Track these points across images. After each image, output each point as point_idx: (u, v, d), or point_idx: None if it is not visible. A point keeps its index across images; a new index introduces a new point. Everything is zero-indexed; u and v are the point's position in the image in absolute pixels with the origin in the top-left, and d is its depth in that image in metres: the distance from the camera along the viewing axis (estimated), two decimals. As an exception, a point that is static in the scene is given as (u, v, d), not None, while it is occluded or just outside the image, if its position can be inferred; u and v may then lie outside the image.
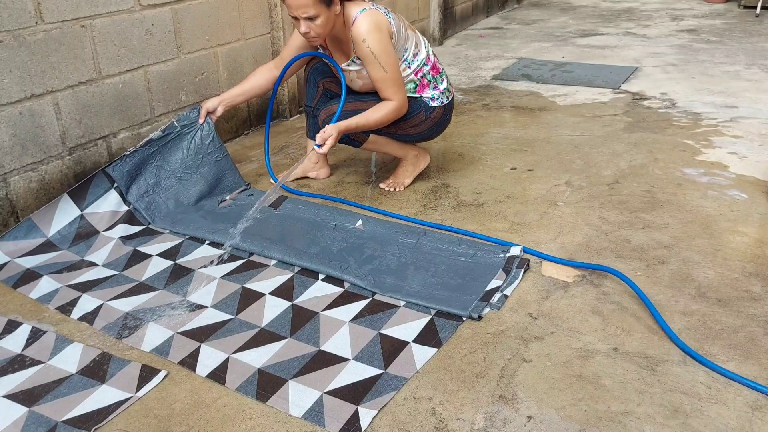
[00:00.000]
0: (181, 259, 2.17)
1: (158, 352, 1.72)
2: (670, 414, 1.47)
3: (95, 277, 2.08)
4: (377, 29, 2.23)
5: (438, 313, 1.84)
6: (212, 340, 1.75)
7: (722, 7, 6.67)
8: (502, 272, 2.01)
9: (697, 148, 2.99)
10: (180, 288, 2.01)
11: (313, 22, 2.17)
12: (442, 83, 2.51)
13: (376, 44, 2.23)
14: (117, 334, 1.80)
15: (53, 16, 2.33)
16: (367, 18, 2.23)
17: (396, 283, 1.97)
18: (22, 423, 1.48)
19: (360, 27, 2.23)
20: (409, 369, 1.63)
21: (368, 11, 2.25)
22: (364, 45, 2.23)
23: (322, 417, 1.48)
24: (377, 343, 1.73)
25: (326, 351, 1.70)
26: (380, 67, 2.26)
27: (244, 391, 1.57)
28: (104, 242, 2.27)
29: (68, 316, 1.89)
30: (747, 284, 1.95)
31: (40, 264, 2.14)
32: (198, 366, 1.66)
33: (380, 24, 2.25)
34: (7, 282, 2.06)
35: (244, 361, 1.67)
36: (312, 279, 2.03)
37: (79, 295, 1.97)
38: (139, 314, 1.87)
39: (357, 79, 2.44)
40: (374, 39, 2.23)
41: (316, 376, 1.61)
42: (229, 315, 1.87)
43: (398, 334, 1.76)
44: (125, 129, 2.70)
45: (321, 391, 1.56)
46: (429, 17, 5.24)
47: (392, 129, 2.47)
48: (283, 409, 1.51)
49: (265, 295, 1.95)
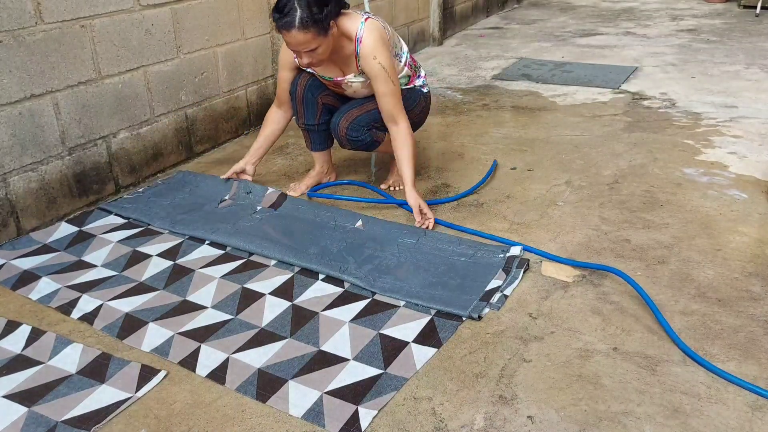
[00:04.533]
0: (181, 259, 2.17)
1: (158, 352, 1.72)
2: (670, 414, 1.47)
3: (95, 277, 2.08)
4: (383, 43, 2.25)
5: (438, 313, 1.84)
6: (212, 340, 1.75)
7: (722, 7, 6.67)
8: (501, 272, 2.01)
9: (697, 148, 2.99)
10: (180, 288, 2.01)
11: (314, 53, 2.17)
12: (420, 69, 2.60)
13: (386, 59, 2.25)
14: (117, 334, 1.80)
15: (53, 16, 2.33)
16: (371, 34, 2.23)
17: (395, 283, 1.97)
18: (21, 423, 1.48)
19: (368, 44, 2.23)
20: (409, 369, 1.63)
21: (368, 26, 2.24)
22: (375, 62, 2.24)
23: (322, 417, 1.48)
24: (377, 343, 1.72)
25: (326, 351, 1.70)
26: (390, 81, 2.27)
27: (244, 391, 1.57)
28: (102, 244, 2.28)
29: (68, 316, 1.89)
30: (747, 284, 1.95)
31: (38, 265, 2.14)
32: (198, 366, 1.66)
33: (383, 37, 2.27)
34: (5, 284, 2.05)
35: (243, 361, 1.67)
36: (312, 279, 2.03)
37: (79, 296, 1.96)
38: (139, 314, 1.87)
39: (362, 89, 2.44)
40: (383, 55, 2.24)
41: (315, 377, 1.61)
42: (229, 315, 1.87)
43: (398, 334, 1.75)
44: (125, 129, 2.70)
45: (321, 391, 1.56)
46: (429, 17, 5.24)
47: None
48: (282, 409, 1.51)
49: (265, 295, 1.95)
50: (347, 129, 2.38)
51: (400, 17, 4.76)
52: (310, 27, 2.07)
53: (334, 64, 2.37)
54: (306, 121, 2.54)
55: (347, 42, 2.27)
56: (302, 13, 2.05)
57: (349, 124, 2.38)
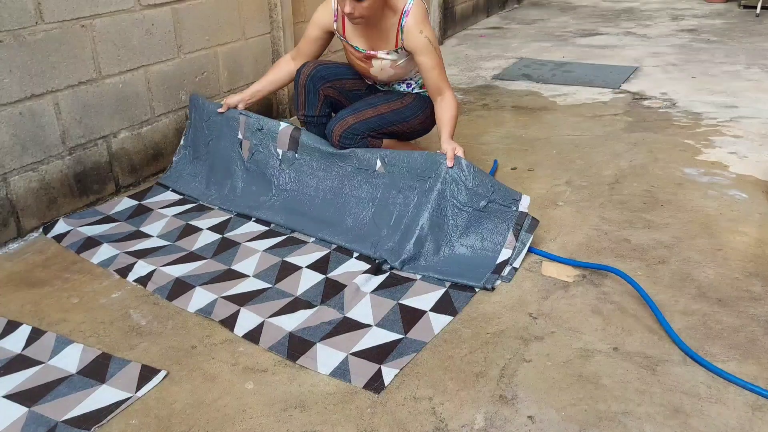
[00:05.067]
0: (229, 233, 2.34)
1: (203, 312, 1.88)
2: (670, 414, 1.47)
3: (150, 246, 2.26)
4: (427, 19, 2.32)
5: (452, 286, 1.97)
6: (250, 305, 1.90)
7: (722, 7, 6.67)
8: (511, 237, 2.07)
9: (698, 148, 2.99)
10: (226, 258, 2.17)
11: (359, 3, 2.17)
12: None
13: (431, 34, 2.30)
14: (167, 296, 1.96)
15: (53, 15, 2.33)
16: (418, 8, 2.29)
17: (416, 256, 2.08)
18: (22, 423, 1.48)
19: (415, 17, 2.28)
20: (428, 334, 1.76)
21: (418, 2, 2.30)
22: (421, 35, 2.28)
23: (348, 374, 1.61)
24: (397, 311, 1.87)
25: (351, 318, 1.84)
26: (436, 54, 2.31)
27: (276, 350, 1.71)
28: (158, 217, 2.48)
29: (125, 278, 2.06)
30: (747, 284, 1.95)
31: (100, 233, 2.33)
32: (236, 327, 1.81)
33: (426, 14, 2.34)
34: (71, 247, 2.25)
35: (277, 324, 1.81)
36: (347, 256, 2.16)
37: (135, 261, 2.13)
38: (188, 279, 2.03)
39: (389, 69, 2.42)
40: (428, 28, 2.30)
41: (341, 339, 1.75)
42: (267, 284, 2.02)
43: (416, 305, 1.89)
44: (125, 129, 2.70)
45: (346, 352, 1.69)
46: (429, 17, 5.24)
47: (405, 126, 2.49)
48: (311, 367, 1.64)
49: (302, 268, 2.10)
50: (340, 136, 2.35)
51: (400, 17, 4.76)
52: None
53: (369, 37, 2.37)
54: (306, 112, 2.52)
55: (391, 14, 2.29)
56: None
57: (343, 132, 2.35)
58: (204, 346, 1.76)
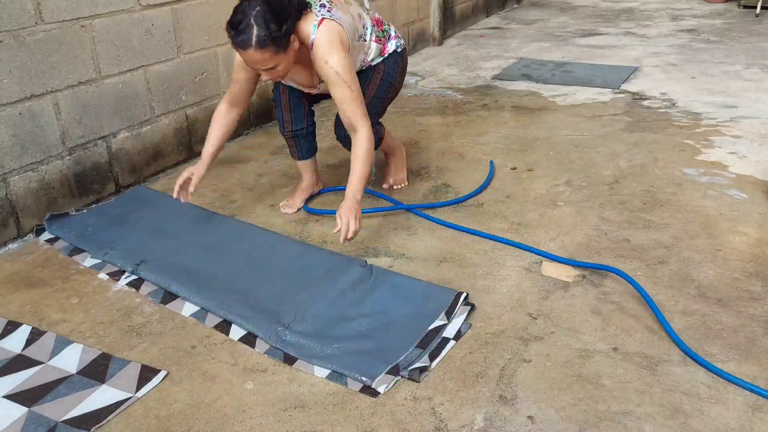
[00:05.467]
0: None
1: (197, 317, 1.89)
2: (670, 414, 1.47)
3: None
4: (336, 46, 2.04)
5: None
6: None
7: (722, 7, 6.67)
8: (443, 315, 1.81)
9: (697, 148, 2.99)
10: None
11: (274, 70, 2.02)
12: (390, 30, 2.41)
13: (338, 62, 2.04)
14: (162, 299, 1.97)
15: (53, 16, 2.33)
16: (323, 34, 2.03)
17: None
18: (22, 423, 1.48)
19: (319, 47, 2.04)
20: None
21: (323, 27, 2.04)
22: (327, 66, 2.04)
23: (344, 378, 1.61)
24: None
25: None
26: (346, 87, 2.06)
27: (272, 354, 1.71)
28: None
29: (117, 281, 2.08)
30: (747, 284, 1.95)
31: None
32: (231, 332, 1.82)
33: (340, 37, 2.06)
34: (63, 251, 2.26)
35: None
36: None
37: (126, 265, 2.13)
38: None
39: None
40: (336, 58, 2.03)
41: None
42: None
43: None
44: (125, 129, 2.70)
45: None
46: (429, 17, 5.24)
47: (394, 89, 2.40)
48: (308, 371, 1.65)
49: None
50: (335, 127, 2.32)
51: (400, 17, 4.76)
52: (267, 45, 1.91)
53: (298, 73, 2.24)
54: (294, 127, 2.42)
55: (305, 48, 2.08)
56: (259, 31, 1.88)
57: (336, 119, 2.29)
58: (204, 346, 1.76)
